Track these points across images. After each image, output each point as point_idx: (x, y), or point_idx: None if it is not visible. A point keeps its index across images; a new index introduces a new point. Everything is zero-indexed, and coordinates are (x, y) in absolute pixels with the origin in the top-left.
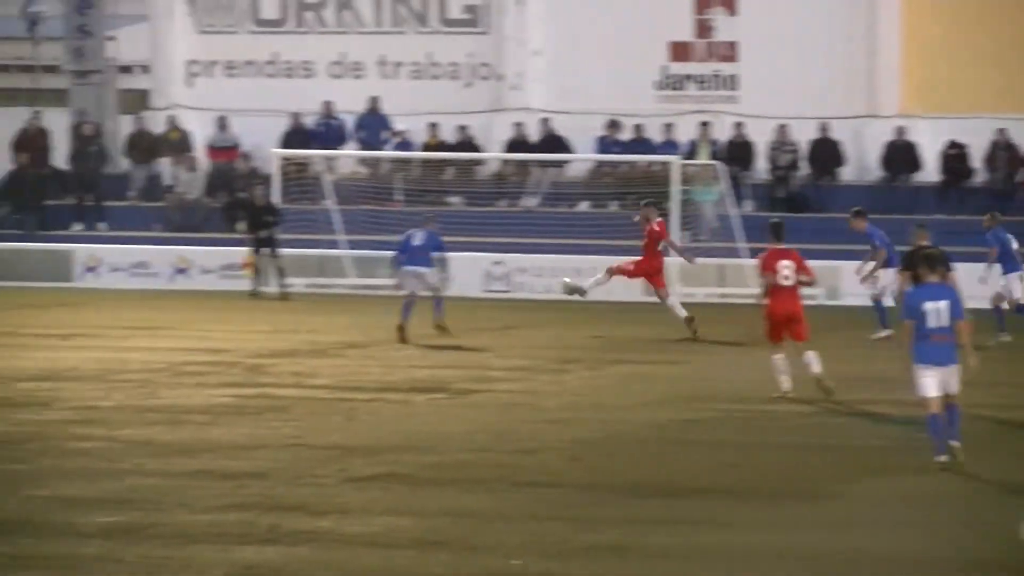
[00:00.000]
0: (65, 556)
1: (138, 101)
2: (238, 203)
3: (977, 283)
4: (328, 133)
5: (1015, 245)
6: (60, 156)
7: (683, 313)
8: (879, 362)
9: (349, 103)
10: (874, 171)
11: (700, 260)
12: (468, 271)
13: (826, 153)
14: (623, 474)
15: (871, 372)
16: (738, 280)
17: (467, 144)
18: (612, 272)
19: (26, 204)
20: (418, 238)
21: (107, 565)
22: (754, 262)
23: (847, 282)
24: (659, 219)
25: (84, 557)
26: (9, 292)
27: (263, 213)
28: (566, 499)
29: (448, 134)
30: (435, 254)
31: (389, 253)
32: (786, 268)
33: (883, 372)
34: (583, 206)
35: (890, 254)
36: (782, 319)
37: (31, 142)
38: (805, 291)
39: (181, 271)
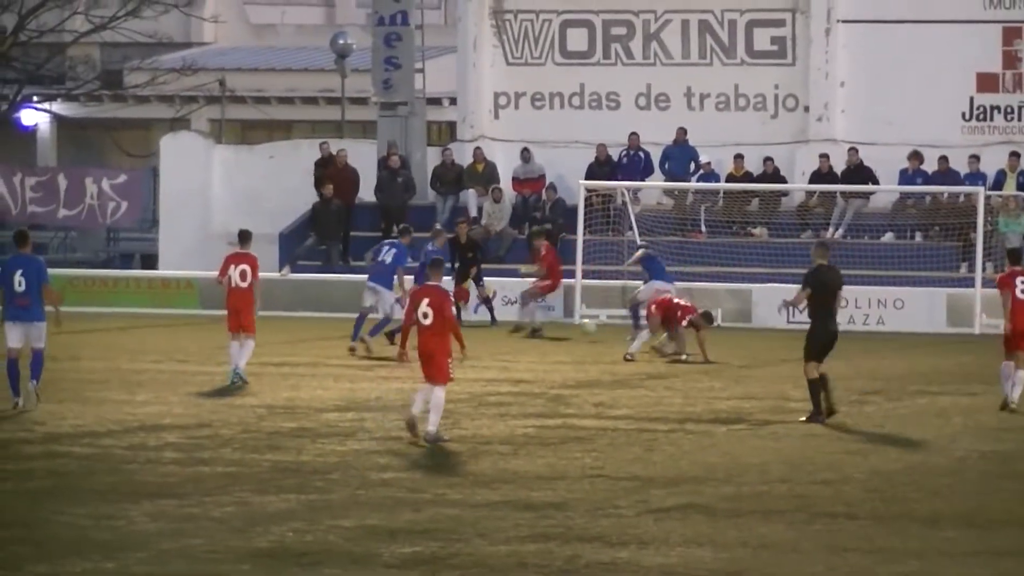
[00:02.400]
0: None
1: (444, 132)
2: (450, 241)
3: None
4: (633, 164)
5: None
6: (366, 187)
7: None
8: None
9: (654, 134)
10: None
11: None
12: (772, 302)
13: None
14: (923, 505)
15: None
16: None
17: (772, 175)
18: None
19: (331, 235)
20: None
21: None
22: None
23: None
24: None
25: None
26: (313, 323)
27: (466, 250)
28: (865, 530)
29: (753, 165)
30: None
31: (687, 284)
32: (1022, 283)
33: None
34: (887, 237)
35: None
36: (1018, 332)
37: (336, 173)
38: None
39: (485, 300)
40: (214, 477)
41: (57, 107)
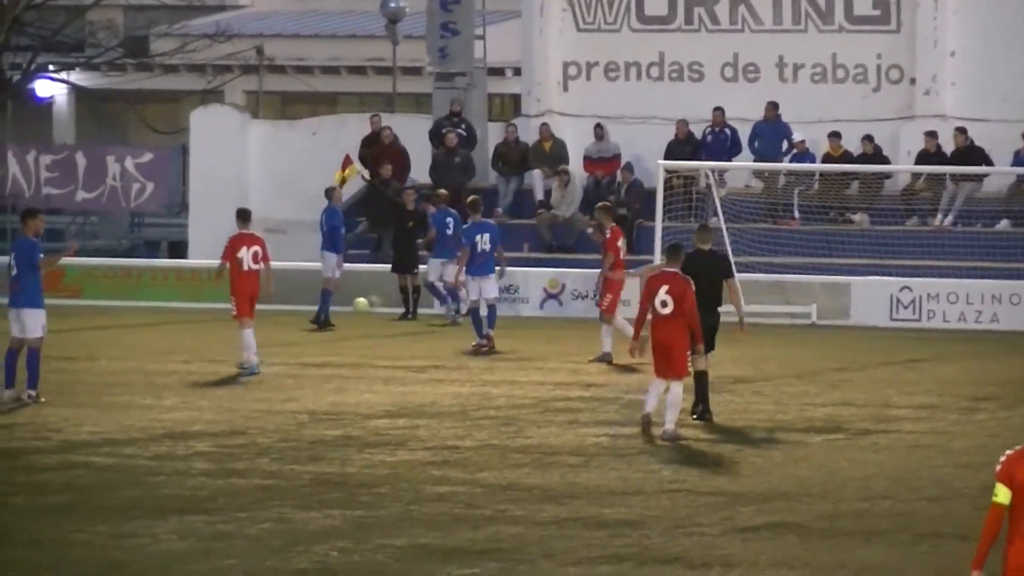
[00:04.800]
0: None
1: (508, 107)
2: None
3: None
4: (718, 143)
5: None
6: (419, 167)
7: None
8: None
9: (742, 109)
10: None
11: None
12: (872, 297)
13: None
14: None
15: None
16: None
17: (874, 155)
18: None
19: (385, 221)
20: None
21: None
22: None
23: None
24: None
25: None
26: (360, 319)
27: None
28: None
29: (852, 144)
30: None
31: (779, 276)
32: None
33: None
34: (1002, 225)
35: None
36: None
37: (383, 152)
38: None
39: (552, 296)
40: (249, 491)
41: (75, 77)
